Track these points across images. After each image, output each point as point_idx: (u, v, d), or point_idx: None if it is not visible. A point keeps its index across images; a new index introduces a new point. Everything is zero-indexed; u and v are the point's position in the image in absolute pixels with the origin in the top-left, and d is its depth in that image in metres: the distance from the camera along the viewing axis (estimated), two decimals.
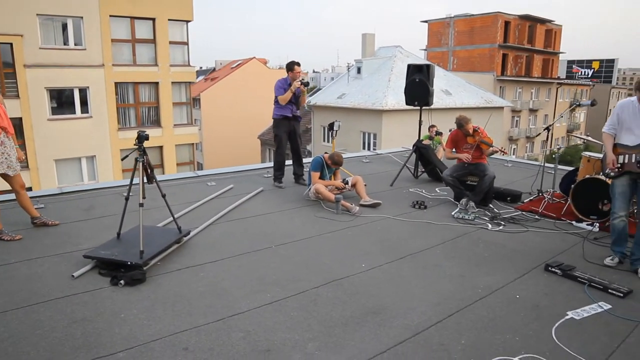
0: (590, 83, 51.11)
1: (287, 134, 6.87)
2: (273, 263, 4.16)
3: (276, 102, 6.72)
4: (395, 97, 23.62)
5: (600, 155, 5.20)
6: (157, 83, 19.31)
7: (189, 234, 4.66)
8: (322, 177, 6.21)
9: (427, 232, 5.15)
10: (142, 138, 4.08)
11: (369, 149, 22.36)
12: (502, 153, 6.46)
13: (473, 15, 39.62)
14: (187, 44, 20.23)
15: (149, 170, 4.25)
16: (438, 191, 7.01)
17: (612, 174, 4.28)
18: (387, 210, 5.91)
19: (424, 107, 7.53)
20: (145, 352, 2.79)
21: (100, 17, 17.16)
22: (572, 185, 5.67)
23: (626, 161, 4.17)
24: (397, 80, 24.75)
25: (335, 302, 3.46)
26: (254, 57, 40.77)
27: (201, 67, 56.69)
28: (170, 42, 19.46)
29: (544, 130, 6.60)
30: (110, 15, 17.50)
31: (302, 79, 6.60)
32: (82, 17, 16.80)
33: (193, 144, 21.36)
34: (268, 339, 2.96)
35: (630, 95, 4.18)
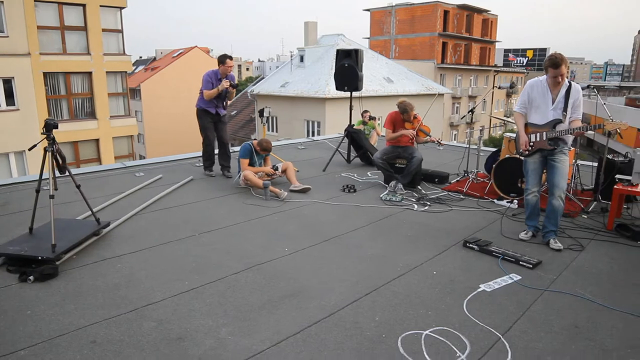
0: (525, 71, 53.44)
1: (213, 123, 6.65)
2: (194, 251, 4.08)
3: (202, 92, 6.48)
4: None
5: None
6: (90, 73, 18.46)
7: (108, 225, 4.48)
8: (251, 164, 6.13)
9: (354, 215, 5.21)
10: (49, 126, 3.87)
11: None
12: (439, 144, 6.58)
13: (414, 4, 40.31)
14: (121, 31, 19.41)
15: (60, 161, 4.05)
16: (369, 175, 7.10)
17: (525, 153, 4.46)
18: (317, 194, 5.93)
19: (354, 93, 7.57)
20: (49, 348, 2.67)
21: (24, 2, 16.11)
22: (494, 165, 5.90)
23: (537, 139, 4.36)
24: None
25: (253, 287, 3.43)
26: (196, 46, 39.72)
27: (141, 57, 54.74)
28: (103, 30, 18.61)
29: (468, 112, 6.83)
30: (35, 0, 16.50)
31: (232, 82, 6.38)
32: (2, 2, 15.71)
33: (132, 136, 20.63)
34: (181, 326, 2.90)
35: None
